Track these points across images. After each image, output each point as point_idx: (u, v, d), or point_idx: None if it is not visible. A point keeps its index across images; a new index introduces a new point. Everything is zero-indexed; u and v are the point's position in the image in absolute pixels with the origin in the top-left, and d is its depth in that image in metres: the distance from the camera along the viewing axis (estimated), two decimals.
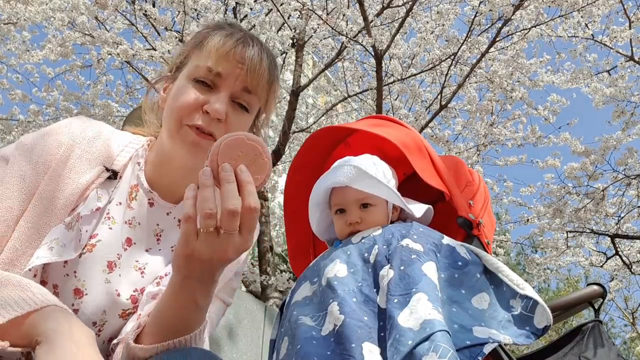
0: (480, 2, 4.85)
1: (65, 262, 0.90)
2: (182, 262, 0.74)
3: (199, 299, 0.78)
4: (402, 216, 1.35)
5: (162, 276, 0.97)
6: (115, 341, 0.93)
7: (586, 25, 5.26)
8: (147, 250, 0.99)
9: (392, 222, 1.31)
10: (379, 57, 4.67)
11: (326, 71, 6.40)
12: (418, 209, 1.32)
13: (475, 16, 4.96)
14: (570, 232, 6.75)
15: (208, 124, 0.94)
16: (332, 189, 1.34)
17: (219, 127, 0.95)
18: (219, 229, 0.72)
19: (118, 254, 0.95)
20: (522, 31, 5.25)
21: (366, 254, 1.15)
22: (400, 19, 4.90)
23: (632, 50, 5.33)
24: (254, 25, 5.42)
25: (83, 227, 0.91)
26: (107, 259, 0.93)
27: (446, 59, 5.49)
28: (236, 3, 5.28)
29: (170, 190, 1.03)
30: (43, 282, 0.90)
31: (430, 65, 5.72)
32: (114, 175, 0.98)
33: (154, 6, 4.87)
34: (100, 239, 0.93)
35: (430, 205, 1.35)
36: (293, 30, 5.13)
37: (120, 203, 0.99)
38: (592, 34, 5.35)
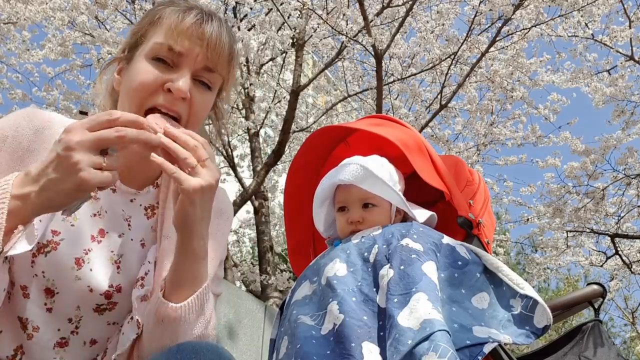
0: (480, 2, 4.85)
1: (33, 262, 0.89)
2: (196, 194, 0.83)
3: (197, 250, 0.88)
4: (404, 220, 1.35)
5: (143, 276, 0.97)
6: (118, 352, 0.93)
7: (586, 24, 5.27)
8: (120, 236, 0.99)
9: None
10: (379, 56, 4.67)
11: (326, 71, 6.41)
12: (421, 214, 1.32)
13: (475, 16, 4.96)
14: (570, 231, 6.75)
15: (172, 103, 0.92)
16: (337, 187, 1.34)
17: (184, 106, 0.94)
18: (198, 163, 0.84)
19: (85, 249, 0.94)
20: (522, 31, 5.26)
21: (366, 253, 1.15)
22: (400, 19, 4.90)
23: (632, 49, 5.33)
24: (254, 25, 5.42)
25: (36, 221, 0.88)
26: (73, 256, 0.92)
27: (446, 58, 5.49)
28: (236, 2, 5.28)
29: (130, 175, 1.01)
30: (12, 283, 0.90)
31: (430, 65, 5.72)
32: None
33: (153, 5, 4.86)
34: (63, 237, 0.92)
35: (433, 213, 1.34)
36: (293, 30, 5.13)
37: None
38: (592, 34, 5.36)
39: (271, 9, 5.19)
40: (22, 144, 0.92)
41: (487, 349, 0.96)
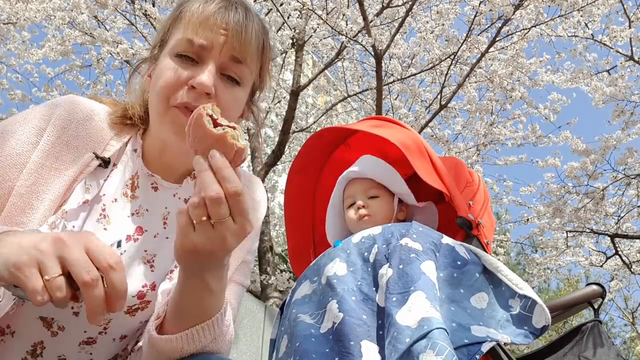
0: (480, 2, 4.85)
1: None
2: (185, 255, 0.70)
3: (211, 284, 0.75)
4: (408, 217, 1.41)
5: (173, 269, 0.92)
6: (140, 344, 0.90)
7: (586, 24, 5.27)
8: (155, 237, 0.94)
9: (397, 220, 1.36)
10: (378, 56, 4.67)
11: (326, 71, 6.41)
12: (421, 203, 1.42)
13: (475, 16, 4.96)
14: (570, 231, 6.75)
15: (196, 99, 0.84)
16: (347, 184, 1.44)
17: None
18: (210, 219, 0.67)
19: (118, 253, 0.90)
20: (522, 31, 5.26)
21: (366, 253, 1.16)
22: (400, 19, 4.90)
23: (631, 49, 5.33)
24: None
25: (69, 223, 0.84)
26: None
27: (446, 58, 5.49)
28: None
29: (171, 171, 0.96)
30: None
31: (430, 65, 5.72)
32: (104, 163, 0.90)
33: (153, 6, 4.87)
34: None
35: (431, 202, 1.40)
36: (293, 30, 5.13)
37: (115, 200, 0.91)
38: (592, 34, 5.36)
39: (271, 9, 5.19)
40: (68, 131, 0.89)
41: (485, 348, 0.96)
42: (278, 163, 5.94)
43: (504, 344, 1.03)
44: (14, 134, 0.86)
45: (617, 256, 6.94)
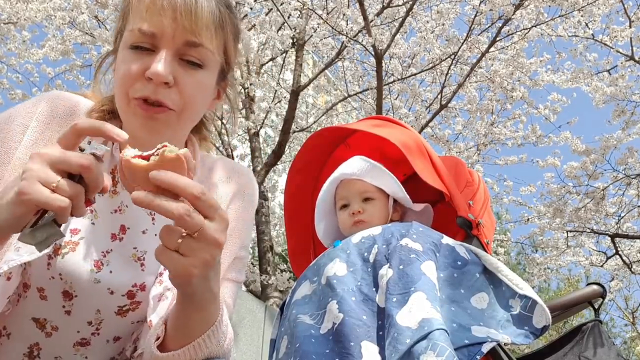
0: (481, 2, 4.85)
1: (49, 264, 0.83)
2: (180, 282, 0.69)
3: (199, 300, 0.73)
4: (403, 217, 1.39)
5: (162, 272, 0.90)
6: (139, 350, 0.89)
7: (586, 24, 5.27)
8: (143, 232, 0.91)
9: (392, 221, 1.33)
10: (379, 56, 4.67)
11: (326, 71, 6.41)
12: (417, 206, 1.38)
13: (476, 16, 4.96)
14: (571, 231, 6.75)
15: (154, 91, 0.80)
16: (338, 185, 1.39)
17: (170, 93, 0.82)
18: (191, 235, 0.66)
19: (104, 251, 0.87)
20: (523, 31, 5.26)
21: (366, 254, 1.15)
22: (401, 19, 4.90)
23: (632, 49, 5.33)
24: (254, 25, 5.42)
25: None
26: (92, 259, 0.86)
27: (446, 58, 5.49)
28: (236, 2, 5.28)
29: None
30: (25, 285, 0.85)
31: (431, 65, 5.72)
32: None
33: None
34: (82, 236, 0.85)
35: (428, 204, 1.37)
36: (293, 30, 5.14)
37: (102, 194, 0.92)
38: (592, 34, 5.36)
39: (271, 9, 5.19)
40: (51, 127, 0.87)
41: (485, 348, 0.96)
42: (278, 163, 5.95)
43: (505, 344, 1.03)
44: (0, 132, 0.86)
45: (617, 256, 6.94)
